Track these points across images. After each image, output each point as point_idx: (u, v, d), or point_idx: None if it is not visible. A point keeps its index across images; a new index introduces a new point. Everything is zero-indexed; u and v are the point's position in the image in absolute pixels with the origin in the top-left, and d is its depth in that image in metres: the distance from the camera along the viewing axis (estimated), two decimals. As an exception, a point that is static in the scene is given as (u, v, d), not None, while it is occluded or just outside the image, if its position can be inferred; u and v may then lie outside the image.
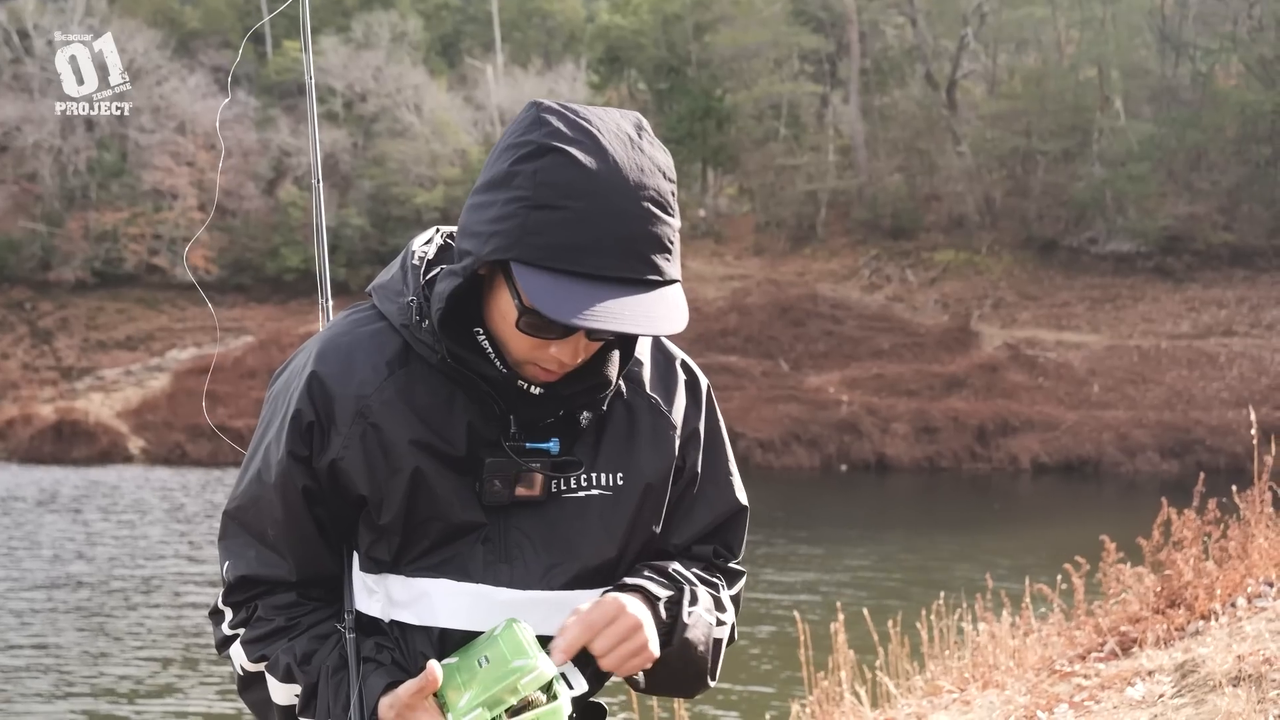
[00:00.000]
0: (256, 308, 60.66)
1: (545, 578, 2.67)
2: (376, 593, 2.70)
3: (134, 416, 49.08)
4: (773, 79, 61.82)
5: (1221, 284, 51.53)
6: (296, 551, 2.71)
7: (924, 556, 25.65)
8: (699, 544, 2.85)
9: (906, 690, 8.84)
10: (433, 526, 2.66)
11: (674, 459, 2.78)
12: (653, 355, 2.84)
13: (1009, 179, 58.64)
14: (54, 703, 16.04)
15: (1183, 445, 42.58)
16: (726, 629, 2.80)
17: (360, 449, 2.64)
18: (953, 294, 53.00)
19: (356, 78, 70.77)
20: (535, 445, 2.66)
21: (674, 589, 2.68)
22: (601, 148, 2.45)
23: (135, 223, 65.67)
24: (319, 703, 2.66)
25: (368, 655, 2.64)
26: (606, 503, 2.71)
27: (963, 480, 41.69)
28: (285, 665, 2.67)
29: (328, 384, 2.66)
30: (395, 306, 2.69)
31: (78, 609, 21.53)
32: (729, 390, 45.75)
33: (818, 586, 22.47)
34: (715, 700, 14.56)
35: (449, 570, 2.67)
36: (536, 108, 2.52)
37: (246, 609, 2.75)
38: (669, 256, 2.49)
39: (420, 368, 2.67)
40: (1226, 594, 7.60)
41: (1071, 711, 6.50)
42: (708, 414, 2.88)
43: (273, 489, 2.68)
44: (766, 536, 27.86)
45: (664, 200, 2.48)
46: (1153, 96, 58.39)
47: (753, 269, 55.72)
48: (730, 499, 2.88)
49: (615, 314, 2.41)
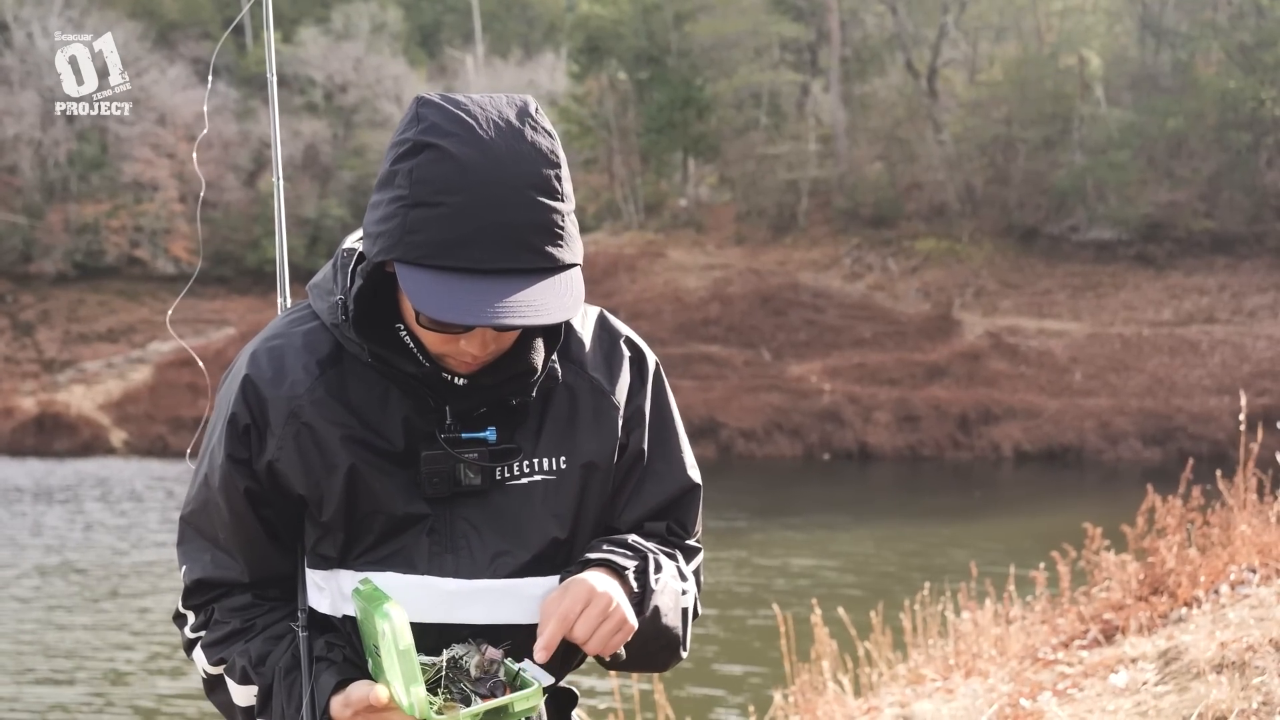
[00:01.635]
0: (238, 299, 60.62)
1: (491, 566, 2.68)
2: (325, 589, 2.71)
3: (116, 409, 48.99)
4: (753, 68, 61.72)
5: (1203, 271, 51.60)
6: (246, 553, 2.73)
7: (907, 545, 25.68)
8: (651, 521, 2.83)
9: (890, 679, 8.84)
10: (376, 521, 2.67)
11: (617, 439, 2.77)
12: (596, 335, 2.83)
13: (990, 167, 58.63)
14: (62, 688, 16.15)
15: (1165, 433, 42.67)
16: (691, 598, 2.79)
17: (295, 449, 2.65)
18: (934, 282, 53.01)
19: (336, 69, 70.73)
20: (472, 435, 2.66)
21: (638, 558, 2.67)
22: (478, 138, 2.45)
23: (116, 215, 65.50)
24: (274, 703, 2.67)
25: (320, 654, 2.65)
26: (550, 488, 2.71)
27: (945, 468, 41.75)
28: (241, 668, 2.70)
29: (260, 387, 2.67)
30: (326, 305, 2.71)
31: (78, 594, 21.61)
32: (710, 380, 45.77)
33: (800, 575, 22.48)
34: (698, 687, 14.58)
35: (395, 563, 2.67)
36: (417, 102, 2.53)
37: (205, 612, 2.77)
38: (559, 242, 2.47)
39: (353, 365, 2.68)
40: (1210, 581, 7.61)
41: (1055, 699, 6.50)
42: (655, 391, 2.86)
43: (218, 492, 2.70)
44: (749, 525, 27.89)
45: (547, 186, 2.47)
46: (1133, 84, 58.43)
47: (734, 258, 55.67)
48: (681, 476, 2.86)
49: (499, 307, 2.40)
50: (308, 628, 2.69)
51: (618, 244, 57.91)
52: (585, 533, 2.75)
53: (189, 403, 47.63)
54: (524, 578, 2.68)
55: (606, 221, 62.70)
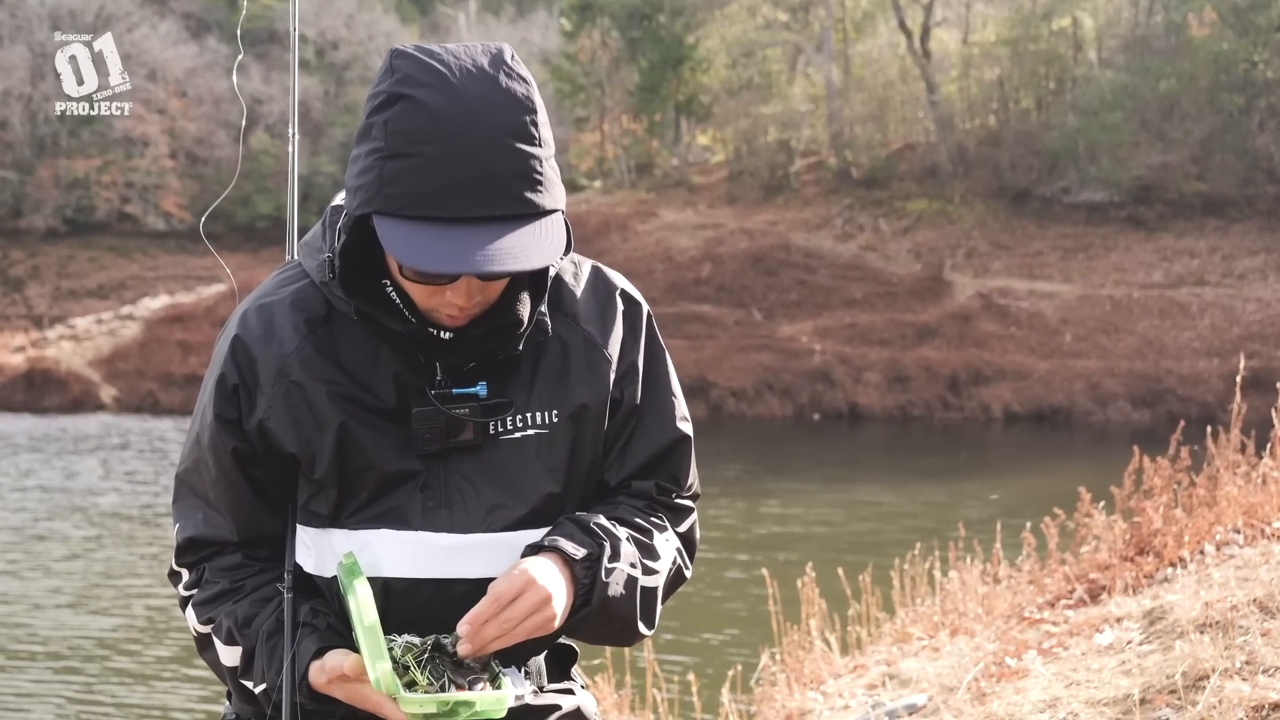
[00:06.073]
0: (229, 256, 60.42)
1: (487, 520, 2.68)
2: (312, 547, 2.72)
3: (105, 365, 48.89)
4: (745, 27, 61.62)
5: (1194, 234, 51.63)
6: (235, 512, 2.74)
7: (896, 505, 25.75)
8: (639, 479, 2.84)
9: (877, 637, 8.89)
10: (368, 477, 2.68)
11: (609, 391, 2.77)
12: (590, 287, 2.83)
13: (982, 128, 58.64)
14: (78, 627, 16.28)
15: (1154, 395, 42.75)
16: (660, 576, 2.76)
17: (285, 408, 2.67)
18: (925, 243, 52.99)
19: (328, 25, 70.51)
20: (463, 390, 2.67)
21: (593, 545, 2.65)
22: (451, 87, 2.45)
23: (107, 170, 65.43)
24: (255, 665, 2.68)
25: (304, 620, 2.66)
26: (543, 441, 2.72)
27: (935, 429, 41.82)
28: (227, 629, 2.71)
29: (250, 346, 2.69)
30: (315, 263, 2.72)
31: (92, 538, 21.73)
32: (702, 339, 45.76)
33: (789, 535, 22.54)
34: (684, 650, 14.63)
35: (389, 520, 2.68)
36: (392, 54, 2.54)
37: (197, 571, 2.78)
38: (538, 188, 2.47)
39: (343, 323, 2.69)
40: (1195, 541, 7.64)
41: (1040, 658, 6.54)
42: (648, 343, 2.86)
43: (207, 451, 2.72)
44: (739, 485, 27.94)
45: (524, 132, 2.47)
46: (1126, 46, 58.41)
47: (725, 218, 55.62)
48: (670, 428, 2.85)
49: (480, 256, 2.40)
50: (294, 589, 2.70)
51: (609, 203, 57.85)
52: (577, 486, 2.76)
53: (179, 359, 47.62)
54: (519, 530, 2.69)
55: (598, 180, 62.65)
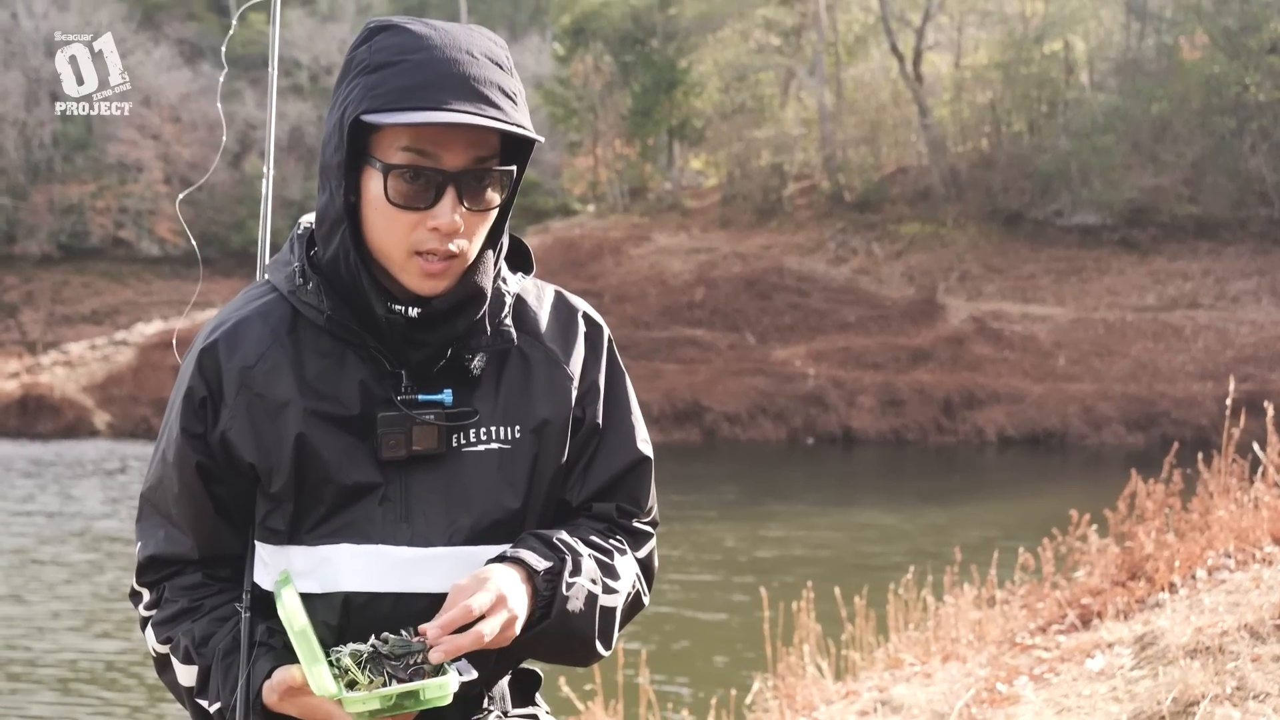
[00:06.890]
0: (222, 281, 60.44)
1: (448, 533, 2.69)
2: (270, 565, 2.72)
3: (99, 390, 48.83)
4: (738, 51, 61.69)
5: (1186, 256, 51.66)
6: (197, 529, 2.75)
7: (890, 529, 25.72)
8: (600, 501, 2.85)
9: (869, 663, 8.89)
10: (326, 490, 2.68)
11: (570, 409, 2.79)
12: (553, 309, 2.86)
13: (974, 151, 58.71)
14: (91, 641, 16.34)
15: (1148, 418, 42.73)
16: (620, 596, 2.77)
17: (246, 418, 2.68)
18: (918, 266, 52.99)
19: (322, 50, 70.55)
20: (429, 397, 2.68)
21: (555, 559, 2.66)
22: (430, 24, 2.60)
23: (101, 196, 65.41)
24: (211, 684, 2.69)
25: (260, 639, 2.66)
26: (505, 456, 2.73)
27: (929, 452, 41.79)
28: (185, 648, 2.71)
29: (217, 359, 2.71)
30: (283, 275, 2.74)
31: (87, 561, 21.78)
32: (695, 363, 45.75)
33: (783, 560, 22.53)
34: (680, 673, 14.62)
35: (348, 534, 2.68)
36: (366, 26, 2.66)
37: (157, 590, 2.79)
38: (514, 104, 2.57)
39: (309, 332, 2.71)
40: (1186, 566, 7.65)
41: (1031, 684, 6.55)
42: (609, 364, 2.88)
43: (172, 467, 2.73)
44: (733, 509, 27.93)
45: (502, 63, 2.60)
46: (1118, 68, 58.51)
47: (719, 242, 55.62)
48: (631, 448, 2.87)
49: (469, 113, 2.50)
50: (252, 609, 2.70)
51: (603, 227, 57.86)
52: (537, 503, 2.77)
53: (172, 385, 47.48)
54: (480, 545, 2.70)
55: (591, 204, 62.68)
